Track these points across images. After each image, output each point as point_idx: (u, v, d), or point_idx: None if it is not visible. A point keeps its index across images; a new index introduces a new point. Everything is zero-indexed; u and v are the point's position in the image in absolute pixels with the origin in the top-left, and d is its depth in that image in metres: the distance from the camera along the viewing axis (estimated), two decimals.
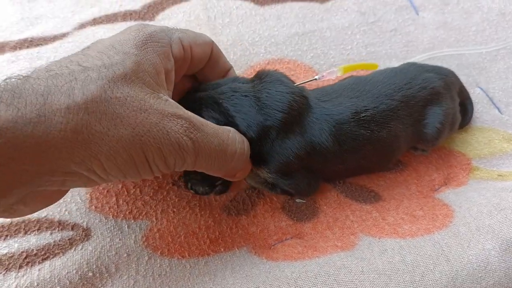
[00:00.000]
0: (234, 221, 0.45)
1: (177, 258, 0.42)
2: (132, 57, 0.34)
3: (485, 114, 0.55)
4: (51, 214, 0.42)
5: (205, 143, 0.35)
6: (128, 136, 0.31)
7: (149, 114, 0.32)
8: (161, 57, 0.36)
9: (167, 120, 0.33)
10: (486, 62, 0.59)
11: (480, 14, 0.62)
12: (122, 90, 0.32)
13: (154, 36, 0.37)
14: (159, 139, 0.32)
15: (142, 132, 0.32)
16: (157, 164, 0.34)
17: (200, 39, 0.42)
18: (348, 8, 0.62)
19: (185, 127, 0.34)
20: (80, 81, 0.31)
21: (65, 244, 0.41)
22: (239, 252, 0.43)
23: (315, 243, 0.43)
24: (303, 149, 0.42)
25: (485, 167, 0.50)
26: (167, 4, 0.59)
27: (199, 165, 0.36)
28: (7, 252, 0.40)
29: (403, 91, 0.45)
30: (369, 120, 0.43)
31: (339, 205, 0.47)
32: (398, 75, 0.47)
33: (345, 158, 0.44)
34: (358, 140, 0.43)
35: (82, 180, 0.32)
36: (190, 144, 0.34)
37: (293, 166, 0.43)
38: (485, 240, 0.40)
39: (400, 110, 0.45)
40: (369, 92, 0.45)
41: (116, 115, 0.31)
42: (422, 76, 0.47)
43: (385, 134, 0.44)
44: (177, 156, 0.34)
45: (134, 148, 0.31)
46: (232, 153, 0.38)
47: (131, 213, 0.44)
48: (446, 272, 0.38)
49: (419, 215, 0.45)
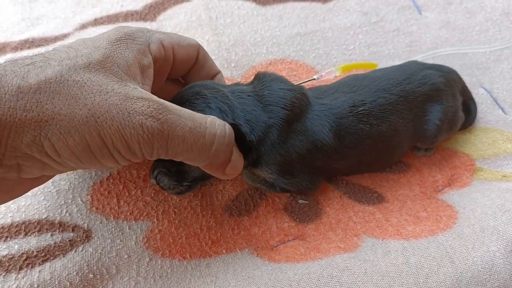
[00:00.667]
0: (236, 222, 0.45)
1: (178, 260, 0.41)
2: (101, 50, 0.33)
3: (489, 115, 0.54)
4: (51, 215, 0.42)
5: (178, 124, 0.33)
6: (82, 116, 0.29)
7: (110, 96, 0.31)
8: (134, 53, 0.35)
9: (131, 102, 0.31)
10: (490, 62, 0.58)
11: (483, 13, 0.62)
12: (82, 75, 0.31)
13: (130, 34, 0.36)
14: (119, 120, 0.30)
15: (98, 113, 0.30)
16: (118, 149, 0.31)
17: (184, 42, 0.42)
18: (350, 8, 0.62)
19: (153, 108, 0.32)
20: (37, 67, 0.30)
21: (65, 245, 0.41)
22: (241, 253, 0.42)
23: (318, 244, 0.43)
24: (304, 147, 0.42)
25: (489, 168, 0.50)
26: (168, 4, 0.59)
27: (173, 152, 0.34)
28: (7, 254, 0.40)
29: (402, 86, 0.45)
30: (367, 114, 0.43)
31: (342, 207, 0.46)
32: (397, 71, 0.47)
33: (345, 154, 0.44)
34: (358, 134, 0.43)
35: (37, 165, 0.31)
36: (158, 126, 0.32)
37: (295, 165, 0.42)
38: (489, 242, 0.40)
39: (399, 104, 0.45)
40: (366, 87, 0.45)
41: (71, 96, 0.30)
42: (422, 73, 0.47)
43: (385, 128, 0.44)
44: (141, 141, 0.31)
45: (88, 129, 0.30)
46: (211, 136, 0.35)
47: (132, 214, 0.44)
48: (450, 274, 0.38)
49: (423, 216, 0.44)
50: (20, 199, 0.43)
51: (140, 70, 0.36)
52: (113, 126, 0.30)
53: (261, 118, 0.40)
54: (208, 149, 0.35)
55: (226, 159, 0.37)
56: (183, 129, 0.33)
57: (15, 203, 0.42)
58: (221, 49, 0.57)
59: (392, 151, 0.47)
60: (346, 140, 0.43)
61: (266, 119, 0.40)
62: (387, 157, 0.48)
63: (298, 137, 0.42)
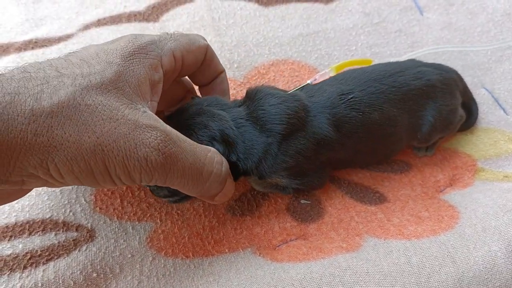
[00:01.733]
0: (239, 221, 0.45)
1: (181, 258, 0.42)
2: (114, 67, 0.33)
3: (491, 115, 0.55)
4: (55, 215, 0.42)
5: (180, 159, 0.33)
6: (89, 144, 0.30)
7: (120, 124, 0.31)
8: (147, 69, 0.35)
9: (139, 132, 0.32)
10: (491, 63, 0.58)
11: (485, 14, 0.62)
12: (95, 98, 0.31)
13: (144, 48, 0.36)
14: (124, 151, 0.31)
15: (106, 142, 0.30)
16: (119, 176, 0.32)
17: (194, 45, 0.41)
18: (352, 9, 0.62)
19: (160, 140, 0.32)
20: (51, 86, 0.30)
21: (69, 245, 0.41)
22: (244, 253, 0.43)
23: (320, 244, 0.43)
24: (309, 148, 0.42)
25: (491, 168, 0.50)
26: (171, 5, 0.60)
27: (170, 182, 0.34)
28: (12, 253, 0.40)
29: (394, 77, 0.46)
30: (358, 102, 0.44)
31: (344, 206, 0.47)
32: (391, 65, 0.48)
33: (344, 143, 0.44)
34: (352, 123, 0.43)
35: (41, 181, 0.31)
36: (161, 160, 0.32)
37: (304, 167, 0.43)
38: (491, 242, 0.40)
39: (392, 94, 0.45)
40: (355, 78, 0.46)
41: (82, 122, 0.30)
42: (418, 68, 0.48)
43: (378, 116, 0.44)
44: (143, 172, 0.32)
45: (94, 158, 0.30)
46: (208, 174, 0.36)
47: (135, 214, 0.44)
48: (452, 273, 0.38)
49: (425, 216, 0.45)
50: (24, 199, 0.43)
51: (151, 87, 0.36)
52: (119, 156, 0.31)
53: (260, 140, 0.41)
54: (203, 184, 0.36)
55: (218, 192, 0.39)
56: (183, 164, 0.34)
57: (19, 202, 0.43)
58: (223, 49, 0.57)
59: (388, 141, 0.47)
60: (343, 129, 0.43)
61: (265, 139, 0.41)
62: (384, 147, 0.48)
63: (300, 141, 0.42)
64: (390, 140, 0.47)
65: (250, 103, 0.43)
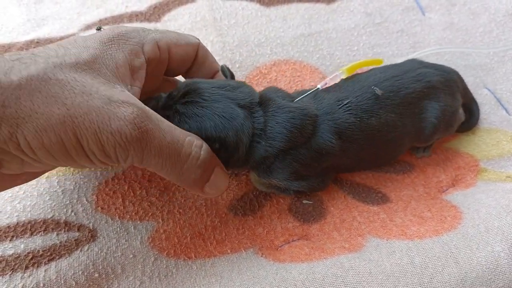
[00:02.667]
0: (241, 221, 0.45)
1: (183, 259, 0.42)
2: (91, 50, 0.33)
3: (493, 115, 0.55)
4: (57, 215, 0.42)
5: (157, 136, 0.32)
6: (59, 115, 0.29)
7: (93, 98, 0.30)
8: (126, 53, 0.35)
9: (114, 106, 0.31)
10: (493, 63, 0.58)
11: (487, 15, 0.62)
12: (68, 74, 0.31)
13: (124, 35, 0.36)
14: (97, 123, 0.30)
15: (77, 113, 0.29)
16: (93, 151, 0.31)
17: (183, 41, 0.41)
18: (354, 9, 0.62)
19: (136, 115, 0.31)
20: (23, 63, 0.30)
21: (71, 245, 0.41)
22: (246, 253, 0.42)
23: (322, 244, 0.43)
24: (308, 157, 0.42)
25: (493, 168, 0.50)
26: (173, 5, 0.59)
27: (147, 162, 0.33)
28: (13, 253, 0.40)
29: (391, 81, 0.45)
30: (355, 107, 0.43)
31: (346, 207, 0.46)
32: (389, 69, 0.47)
33: (346, 150, 0.44)
34: (351, 128, 0.43)
35: (16, 160, 0.30)
36: (136, 134, 0.31)
37: (301, 172, 0.43)
38: (494, 242, 0.40)
39: (388, 99, 0.44)
40: (349, 85, 0.46)
41: (52, 95, 0.29)
42: (418, 70, 0.47)
43: (375, 122, 0.44)
44: (117, 146, 0.31)
45: (64, 129, 0.29)
46: (186, 155, 0.35)
47: (137, 214, 0.44)
48: (455, 274, 0.38)
49: (427, 216, 0.44)
50: (26, 199, 0.43)
51: (131, 72, 0.35)
52: (91, 128, 0.30)
53: (262, 149, 0.40)
54: (181, 166, 0.35)
55: (199, 179, 0.37)
56: (160, 142, 0.33)
57: (20, 203, 0.43)
58: (225, 49, 0.57)
59: (389, 146, 0.47)
60: (343, 135, 0.43)
61: (263, 152, 0.41)
62: (385, 153, 0.48)
63: (300, 151, 0.42)
64: (391, 146, 0.47)
65: (263, 114, 0.41)
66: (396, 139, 0.46)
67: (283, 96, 0.44)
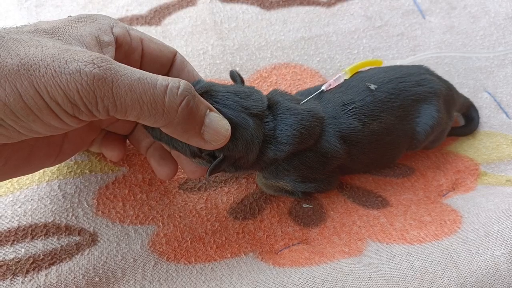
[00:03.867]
0: (241, 225, 0.45)
1: (183, 263, 0.42)
2: (53, 23, 0.32)
3: (493, 119, 0.55)
4: (58, 219, 0.43)
5: (123, 73, 0.30)
6: (12, 65, 0.27)
7: (48, 48, 0.29)
8: (92, 28, 0.34)
9: (70, 52, 0.29)
10: (493, 67, 0.58)
11: (487, 18, 0.62)
12: (23, 35, 0.29)
13: (93, 17, 0.35)
14: (53, 68, 0.28)
15: (32, 62, 0.28)
16: (56, 99, 0.29)
17: (159, 41, 0.40)
18: (354, 13, 0.62)
19: (94, 56, 0.29)
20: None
21: (71, 249, 0.41)
22: (246, 258, 0.42)
23: (322, 248, 0.43)
24: (314, 161, 0.42)
25: (493, 172, 0.50)
26: (173, 8, 0.60)
27: (122, 104, 0.30)
28: (14, 257, 0.40)
29: (393, 84, 0.45)
30: (359, 112, 0.44)
31: (346, 211, 0.47)
32: (393, 70, 0.47)
33: (350, 153, 0.44)
34: (355, 133, 0.43)
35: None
36: (98, 72, 0.28)
37: (310, 174, 0.43)
38: (494, 246, 0.40)
39: (390, 101, 0.44)
40: (355, 86, 0.45)
41: (5, 48, 0.28)
42: (422, 76, 0.47)
43: (376, 127, 0.44)
44: (81, 88, 0.28)
45: (19, 79, 0.27)
46: (163, 87, 0.31)
47: (137, 218, 0.44)
48: (455, 278, 0.38)
49: (427, 220, 0.44)
50: (27, 203, 0.43)
51: (99, 45, 0.33)
52: (47, 74, 0.28)
53: (271, 152, 0.40)
54: (161, 101, 0.31)
55: (191, 119, 0.33)
56: (130, 78, 0.30)
57: (21, 207, 0.43)
58: (225, 53, 0.57)
59: (387, 149, 0.47)
60: (347, 140, 0.43)
61: (273, 155, 0.40)
62: (383, 156, 0.47)
63: (307, 155, 0.42)
64: (389, 148, 0.47)
65: (273, 118, 0.41)
66: (393, 142, 0.46)
67: (290, 99, 0.44)
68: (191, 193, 0.46)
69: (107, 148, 0.43)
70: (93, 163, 0.46)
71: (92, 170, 0.46)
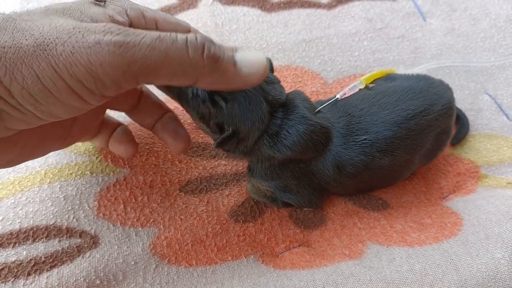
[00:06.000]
0: (242, 228, 0.45)
1: (184, 266, 0.42)
2: (65, 4, 0.32)
3: (494, 121, 0.55)
4: (59, 221, 0.43)
5: (142, 35, 0.28)
6: (28, 46, 0.27)
7: (61, 24, 0.28)
8: (106, 9, 0.33)
9: (84, 26, 0.28)
10: (494, 69, 0.58)
11: (488, 20, 0.62)
12: (34, 16, 0.29)
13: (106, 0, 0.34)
14: (71, 44, 0.27)
15: (47, 41, 0.27)
16: (79, 79, 0.28)
17: (174, 20, 0.39)
18: (355, 15, 0.62)
19: (109, 26, 0.28)
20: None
21: (73, 251, 0.41)
22: (247, 260, 0.43)
23: (323, 251, 0.43)
24: (300, 173, 0.42)
25: (494, 174, 0.50)
26: (174, 11, 0.60)
27: (151, 66, 0.29)
28: (16, 260, 0.40)
29: (418, 119, 0.42)
30: (370, 146, 0.41)
31: (346, 213, 0.47)
32: (418, 99, 0.43)
33: (343, 183, 0.43)
34: (357, 166, 0.41)
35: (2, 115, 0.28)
36: (119, 38, 0.27)
37: (292, 185, 0.43)
38: (494, 249, 0.40)
39: (410, 139, 0.42)
40: (373, 113, 0.42)
41: (18, 29, 0.27)
42: (443, 101, 0.44)
43: (387, 162, 0.42)
44: (106, 62, 0.27)
45: (36, 60, 0.27)
46: (183, 41, 0.29)
47: (138, 220, 0.44)
48: (455, 281, 0.38)
49: (428, 223, 0.45)
50: (28, 205, 0.43)
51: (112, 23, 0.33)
52: (65, 51, 0.27)
53: (267, 152, 0.40)
54: (186, 54, 0.30)
55: (219, 62, 0.31)
56: (151, 38, 0.28)
57: (23, 209, 0.43)
58: None
59: (389, 179, 0.46)
60: (344, 170, 0.41)
61: (269, 152, 0.40)
62: (383, 183, 0.47)
63: (300, 164, 0.41)
64: (393, 178, 0.46)
65: (283, 116, 0.40)
66: (400, 171, 0.45)
67: (308, 107, 0.41)
68: (192, 196, 0.46)
69: (119, 142, 0.43)
70: (94, 164, 0.46)
71: (93, 172, 0.46)
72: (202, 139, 0.50)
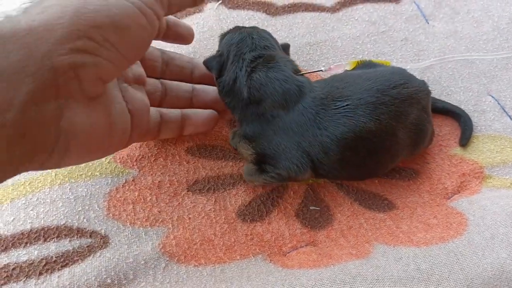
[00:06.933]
0: (249, 227, 0.46)
1: (193, 265, 0.42)
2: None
3: (497, 122, 0.55)
4: (70, 221, 0.43)
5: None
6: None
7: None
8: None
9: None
10: (497, 70, 0.59)
11: (490, 22, 0.63)
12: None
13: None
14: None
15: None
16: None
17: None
18: (358, 18, 0.62)
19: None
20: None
21: (83, 251, 0.42)
22: (255, 259, 0.43)
23: (330, 251, 0.44)
24: (283, 132, 0.43)
25: (498, 175, 0.51)
26: (180, 15, 0.60)
27: None
28: (27, 259, 0.41)
29: (398, 89, 0.44)
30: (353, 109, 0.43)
31: (353, 213, 0.47)
32: (394, 73, 0.46)
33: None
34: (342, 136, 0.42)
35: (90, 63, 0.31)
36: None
37: (276, 147, 0.43)
38: (499, 249, 0.40)
39: (394, 105, 0.43)
40: (354, 84, 0.44)
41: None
42: (418, 80, 0.48)
43: (374, 127, 0.42)
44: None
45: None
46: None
47: (147, 220, 0.45)
48: (461, 280, 0.39)
49: (433, 223, 0.45)
50: (39, 206, 0.44)
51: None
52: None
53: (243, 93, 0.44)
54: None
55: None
56: None
57: (34, 209, 0.44)
58: None
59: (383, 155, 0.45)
60: (326, 131, 0.42)
61: (246, 93, 0.44)
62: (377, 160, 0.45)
63: (276, 119, 0.43)
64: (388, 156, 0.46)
65: (265, 62, 0.44)
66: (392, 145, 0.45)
67: (291, 67, 0.45)
68: (200, 195, 0.47)
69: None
70: (103, 165, 0.47)
71: (103, 173, 0.47)
72: (209, 141, 0.50)
